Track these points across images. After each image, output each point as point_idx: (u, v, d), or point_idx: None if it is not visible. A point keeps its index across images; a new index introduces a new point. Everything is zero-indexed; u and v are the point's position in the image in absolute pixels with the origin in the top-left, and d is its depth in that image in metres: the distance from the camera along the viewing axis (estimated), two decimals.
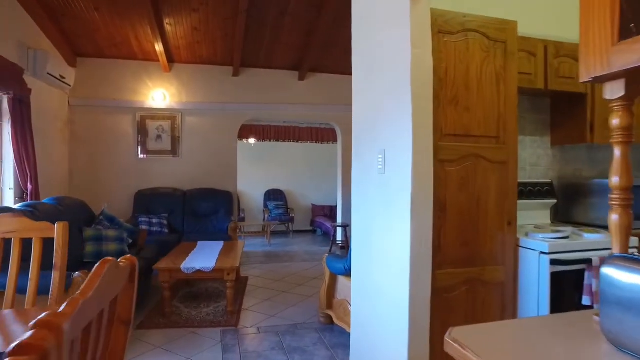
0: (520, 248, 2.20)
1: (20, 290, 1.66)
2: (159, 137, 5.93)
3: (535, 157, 2.83)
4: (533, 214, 2.68)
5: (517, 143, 2.20)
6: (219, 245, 4.51)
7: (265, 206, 9.01)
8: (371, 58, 2.29)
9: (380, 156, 2.09)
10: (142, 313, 3.61)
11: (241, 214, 8.66)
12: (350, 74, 2.58)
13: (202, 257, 3.82)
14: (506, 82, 2.13)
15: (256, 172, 9.15)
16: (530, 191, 2.67)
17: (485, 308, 2.10)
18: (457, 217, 2.04)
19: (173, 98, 6.01)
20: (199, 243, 4.61)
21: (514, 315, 2.17)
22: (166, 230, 5.34)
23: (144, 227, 5.16)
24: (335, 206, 9.21)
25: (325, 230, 8.34)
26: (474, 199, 2.07)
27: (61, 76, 4.85)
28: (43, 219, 3.42)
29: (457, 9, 2.04)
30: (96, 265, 0.77)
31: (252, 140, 8.22)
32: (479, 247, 2.09)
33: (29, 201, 3.99)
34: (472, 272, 2.07)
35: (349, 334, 2.68)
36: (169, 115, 5.97)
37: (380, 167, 2.09)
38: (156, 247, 4.56)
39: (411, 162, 1.83)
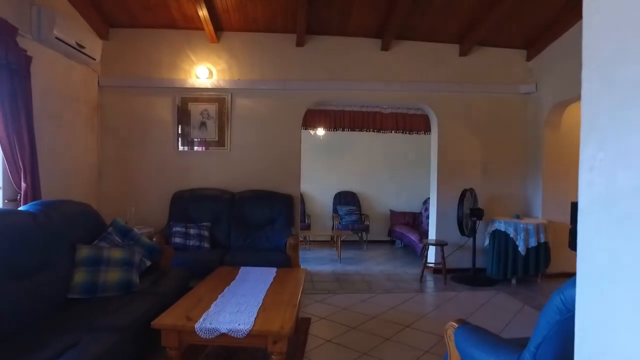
0: None
1: None
2: (202, 124, 4.71)
3: None
4: None
5: None
6: (269, 275, 3.10)
7: (335, 211, 7.53)
8: None
9: None
10: None
11: (306, 220, 7.29)
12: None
13: (237, 303, 2.42)
14: None
15: (325, 170, 7.67)
16: None
17: None
18: None
19: (221, 75, 4.76)
20: (242, 270, 3.24)
21: None
22: (206, 245, 4.09)
23: (177, 240, 3.95)
24: (418, 213, 7.49)
25: (407, 243, 6.66)
26: None
27: (78, 44, 3.78)
28: None
29: None
30: None
31: (320, 131, 6.76)
32: None
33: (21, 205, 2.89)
34: None
35: None
36: (215, 96, 4.73)
37: None
38: (186, 271, 3.29)
39: None
